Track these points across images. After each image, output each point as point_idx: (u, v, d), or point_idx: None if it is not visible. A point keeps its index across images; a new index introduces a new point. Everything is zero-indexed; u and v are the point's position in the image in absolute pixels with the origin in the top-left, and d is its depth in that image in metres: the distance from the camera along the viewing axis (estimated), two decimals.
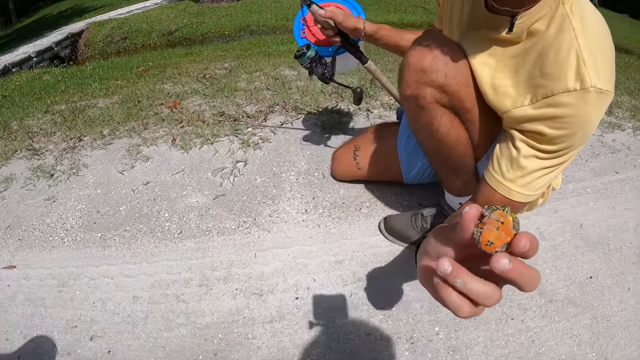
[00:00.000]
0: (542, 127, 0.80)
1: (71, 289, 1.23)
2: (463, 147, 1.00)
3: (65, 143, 2.02)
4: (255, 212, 1.44)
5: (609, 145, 2.00)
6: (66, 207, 1.57)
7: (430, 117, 0.96)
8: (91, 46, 7.27)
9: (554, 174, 0.87)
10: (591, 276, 1.27)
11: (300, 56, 1.26)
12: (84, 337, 1.10)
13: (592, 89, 0.73)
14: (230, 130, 1.91)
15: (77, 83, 3.23)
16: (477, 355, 1.02)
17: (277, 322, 1.08)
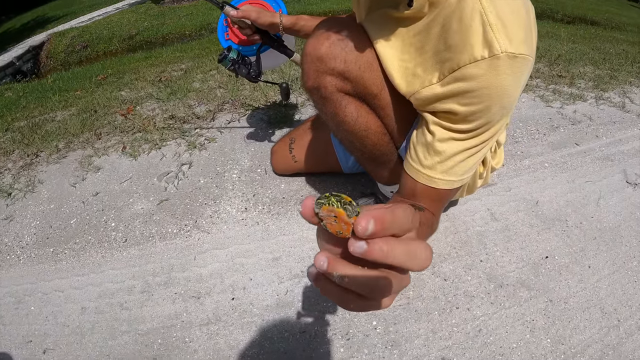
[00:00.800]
0: (453, 105, 0.74)
1: (26, 305, 1.26)
2: (375, 135, 0.96)
3: (23, 160, 2.02)
4: (197, 214, 1.46)
5: (569, 117, 1.98)
6: (22, 225, 1.58)
7: (334, 107, 0.92)
8: (53, 57, 7.15)
9: (480, 155, 0.81)
10: (547, 256, 1.25)
11: (222, 59, 1.26)
12: (37, 351, 1.13)
13: (503, 54, 0.66)
14: (178, 133, 1.91)
15: (37, 97, 3.21)
16: (417, 348, 1.01)
17: (213, 324, 1.10)
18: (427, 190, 0.82)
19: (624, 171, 1.62)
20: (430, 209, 0.83)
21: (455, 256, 1.25)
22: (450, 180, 0.80)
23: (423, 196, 0.83)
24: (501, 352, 1.00)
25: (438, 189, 0.81)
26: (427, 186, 0.81)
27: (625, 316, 1.09)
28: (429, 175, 0.80)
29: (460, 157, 0.78)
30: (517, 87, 0.71)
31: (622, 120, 2.01)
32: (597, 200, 1.46)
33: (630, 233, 1.34)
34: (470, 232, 1.33)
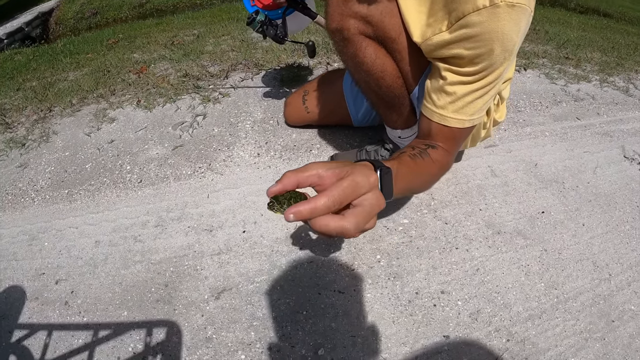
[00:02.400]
0: (459, 50, 0.81)
1: (40, 242, 1.30)
2: (390, 78, 1.01)
3: (36, 115, 2.05)
4: (211, 158, 1.50)
5: (572, 94, 2.00)
6: (37, 171, 1.61)
7: (355, 48, 0.97)
8: (62, 24, 7.16)
9: (486, 97, 0.87)
10: (543, 211, 1.29)
11: (251, 22, 1.29)
12: (50, 282, 1.16)
13: (502, 3, 0.73)
14: (192, 88, 1.94)
15: (48, 60, 3.23)
16: (418, 281, 1.06)
17: (224, 254, 1.14)
18: (440, 129, 0.88)
19: (622, 147, 1.65)
20: (445, 147, 0.89)
21: (456, 204, 1.28)
22: (461, 119, 0.87)
23: (437, 135, 0.89)
24: (497, 291, 1.04)
25: (451, 127, 0.87)
26: (440, 125, 0.88)
27: (617, 272, 1.12)
28: (442, 114, 0.87)
29: (470, 97, 0.85)
30: (517, 33, 0.77)
31: (624, 102, 2.02)
32: (594, 169, 1.50)
33: (625, 200, 1.37)
34: (471, 184, 1.36)
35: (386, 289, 1.03)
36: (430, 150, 0.85)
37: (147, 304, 1.05)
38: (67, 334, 1.03)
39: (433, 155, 0.84)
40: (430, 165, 0.83)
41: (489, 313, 0.99)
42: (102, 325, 1.04)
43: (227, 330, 0.96)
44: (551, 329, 0.97)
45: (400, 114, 1.12)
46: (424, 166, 0.82)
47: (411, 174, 0.78)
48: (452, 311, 0.99)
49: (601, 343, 0.95)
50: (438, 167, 0.87)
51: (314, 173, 0.53)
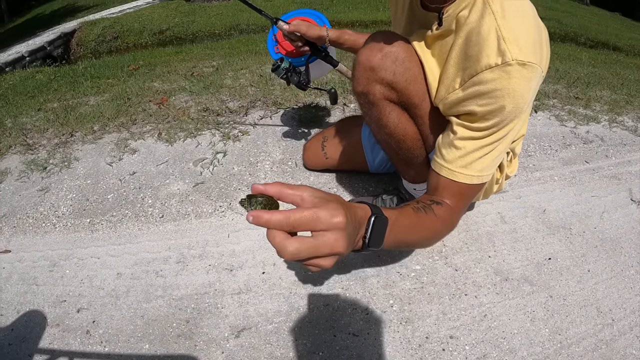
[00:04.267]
0: (472, 106, 0.85)
1: (61, 269, 1.34)
2: (411, 141, 1.08)
3: (58, 138, 2.11)
4: (231, 197, 1.56)
5: (581, 136, 2.07)
6: (58, 197, 1.67)
7: (379, 112, 1.04)
8: (83, 45, 7.37)
9: (495, 153, 0.90)
10: (550, 258, 1.33)
11: (276, 69, 1.38)
12: (71, 310, 1.20)
13: (514, 62, 0.77)
14: (212, 124, 2.02)
15: (69, 82, 3.31)
16: (428, 326, 1.10)
17: (244, 293, 1.19)
18: (448, 184, 0.92)
19: (629, 190, 1.70)
20: (452, 204, 0.92)
21: (467, 250, 1.34)
22: (469, 175, 0.90)
23: (445, 190, 0.93)
24: (503, 336, 1.08)
25: (458, 183, 0.90)
26: (448, 179, 0.91)
27: (620, 317, 1.16)
28: (450, 168, 0.90)
29: (479, 153, 0.89)
30: (528, 90, 0.81)
31: (632, 142, 2.08)
32: (601, 214, 1.55)
33: (630, 245, 1.41)
34: (481, 231, 1.42)
35: (398, 332, 1.08)
36: (435, 206, 0.89)
37: (169, 338, 1.09)
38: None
39: (437, 212, 0.88)
40: (433, 221, 0.87)
41: (495, 358, 1.03)
42: (124, 356, 1.07)
43: None
44: None
45: (417, 171, 1.18)
46: (426, 221, 0.85)
47: (411, 226, 0.82)
48: (459, 355, 1.03)
49: None
50: (441, 224, 0.90)
51: (299, 194, 0.57)
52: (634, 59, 5.88)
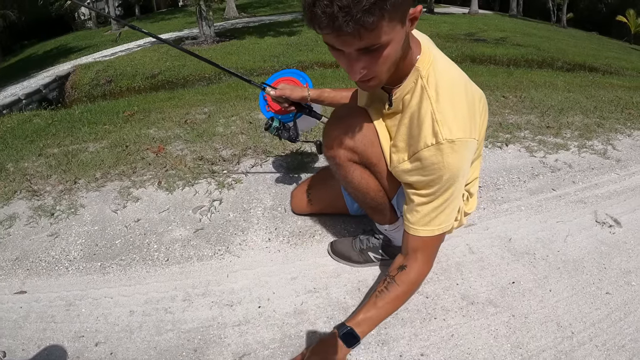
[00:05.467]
0: (418, 176, 1.08)
1: (77, 308, 1.49)
2: (373, 192, 1.30)
3: (62, 185, 2.26)
4: (228, 241, 1.77)
5: (550, 165, 2.28)
6: (68, 242, 1.83)
7: (345, 171, 1.26)
8: (78, 89, 7.57)
9: (448, 210, 1.11)
10: (513, 282, 1.49)
11: (268, 128, 1.62)
12: (90, 344, 1.34)
13: (445, 141, 0.98)
14: (208, 173, 2.24)
15: (67, 127, 3.47)
16: (402, 346, 1.29)
17: (243, 325, 1.38)
18: (416, 240, 1.16)
19: (594, 212, 1.88)
20: (421, 258, 1.20)
21: (437, 280, 1.54)
22: (431, 229, 1.13)
23: (414, 245, 1.19)
24: (469, 352, 1.27)
25: (422, 237, 1.15)
26: (416, 237, 1.15)
27: (579, 329, 1.29)
28: (415, 228, 1.14)
29: (433, 213, 1.11)
30: (460, 161, 1.03)
31: (600, 166, 2.28)
32: (565, 237, 1.71)
33: (592, 264, 1.56)
34: (450, 262, 1.63)
35: (376, 352, 1.27)
36: (399, 275, 1.18)
37: None
38: None
39: (401, 280, 1.18)
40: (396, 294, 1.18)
41: None
42: None
43: None
44: None
45: (384, 215, 1.41)
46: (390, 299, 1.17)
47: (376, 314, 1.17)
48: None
49: None
50: (404, 290, 1.19)
51: None
52: (610, 77, 6.19)
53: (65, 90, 7.57)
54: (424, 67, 1.04)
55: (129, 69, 8.50)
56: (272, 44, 10.35)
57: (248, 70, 7.87)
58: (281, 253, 1.70)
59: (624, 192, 2.07)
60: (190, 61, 9.02)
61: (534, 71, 6.44)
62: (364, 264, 1.57)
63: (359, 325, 1.17)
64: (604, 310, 1.39)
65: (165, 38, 8.26)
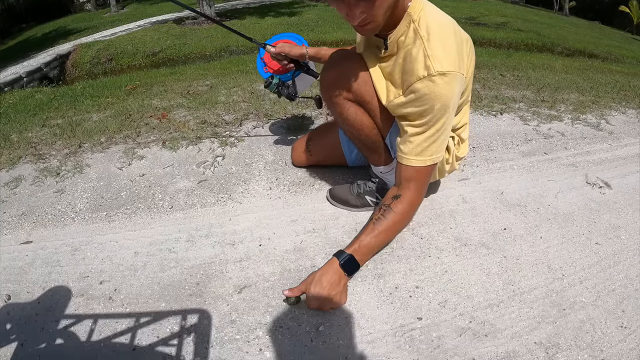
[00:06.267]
0: (411, 108, 1.18)
1: (83, 252, 1.53)
2: (367, 129, 1.38)
3: (67, 149, 2.30)
4: (231, 190, 1.82)
5: (543, 133, 2.33)
6: (74, 196, 1.87)
7: (340, 109, 1.35)
8: (78, 67, 7.59)
9: (439, 141, 1.21)
10: (505, 228, 1.55)
11: (268, 85, 1.67)
12: (94, 282, 1.39)
13: (436, 73, 1.09)
14: (211, 134, 2.29)
15: (69, 101, 3.48)
16: (397, 279, 1.34)
17: (244, 261, 1.43)
18: (409, 170, 1.26)
19: (585, 175, 1.94)
20: (413, 188, 1.28)
21: (431, 224, 1.60)
22: (423, 159, 1.23)
23: (406, 175, 1.28)
24: (462, 286, 1.33)
25: (416, 167, 1.24)
26: (409, 167, 1.25)
27: (570, 272, 1.35)
28: (408, 158, 1.24)
29: (425, 143, 1.20)
30: (451, 92, 1.12)
31: (593, 136, 2.34)
32: (555, 194, 1.78)
33: (582, 218, 1.62)
34: (444, 209, 1.69)
35: (372, 285, 1.33)
36: (395, 203, 1.28)
37: (182, 297, 1.32)
38: (111, 321, 1.24)
39: (396, 208, 1.27)
40: (393, 221, 1.27)
41: (455, 302, 1.27)
42: (143, 313, 1.28)
43: (248, 314, 1.24)
44: (507, 314, 1.22)
45: (379, 154, 1.48)
46: (387, 225, 1.27)
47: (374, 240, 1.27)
48: (424, 300, 1.28)
49: (553, 326, 1.16)
50: (400, 218, 1.29)
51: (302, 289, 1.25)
52: (609, 64, 6.17)
53: (66, 69, 7.59)
54: (415, 12, 1.14)
55: (129, 47, 8.51)
56: (273, 24, 10.34)
57: (248, 48, 7.87)
58: (282, 199, 1.75)
59: (615, 159, 2.12)
60: (191, 39, 9.06)
61: (533, 54, 6.45)
62: (361, 207, 1.63)
63: (357, 252, 1.25)
64: (593, 257, 1.45)
65: (173, 17, 8.23)
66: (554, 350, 1.12)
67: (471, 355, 1.11)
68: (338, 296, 1.21)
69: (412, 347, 1.14)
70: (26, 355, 1.15)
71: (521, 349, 1.13)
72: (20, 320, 1.25)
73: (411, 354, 1.12)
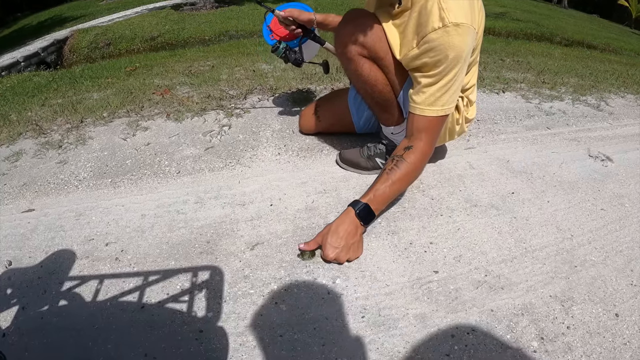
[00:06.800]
0: (425, 59, 1.19)
1: (87, 217, 1.50)
2: (381, 85, 1.39)
3: (69, 124, 2.25)
4: (239, 156, 1.80)
5: (545, 110, 2.35)
6: (77, 166, 1.84)
7: (355, 65, 1.36)
8: (76, 52, 7.52)
9: (451, 92, 1.23)
10: (513, 192, 1.58)
11: (275, 50, 1.65)
12: (100, 245, 1.36)
13: (451, 24, 1.12)
14: (216, 106, 2.26)
15: (68, 82, 3.40)
16: (411, 236, 1.35)
17: (256, 220, 1.42)
18: (421, 120, 1.27)
19: (587, 149, 1.97)
20: (424, 138, 1.29)
21: (440, 186, 1.61)
22: (435, 109, 1.24)
23: (419, 125, 1.29)
24: (475, 242, 1.33)
25: (429, 117, 1.26)
26: (421, 116, 1.26)
27: (578, 234, 1.38)
28: (421, 107, 1.25)
29: (438, 93, 1.22)
30: (464, 43, 1.14)
31: (594, 115, 2.36)
32: (560, 164, 1.81)
33: (587, 186, 1.65)
34: (452, 173, 1.70)
35: (386, 240, 1.33)
36: (407, 153, 1.27)
37: (192, 255, 1.30)
38: (118, 280, 1.22)
39: (409, 158, 1.27)
40: (407, 170, 1.26)
41: (469, 257, 1.28)
42: (151, 272, 1.25)
43: (262, 270, 1.22)
44: (522, 269, 1.23)
45: (391, 113, 1.48)
46: (400, 175, 1.26)
47: (389, 189, 1.25)
48: (439, 255, 1.28)
49: (566, 281, 1.18)
50: (413, 168, 1.28)
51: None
52: (608, 55, 6.23)
53: (63, 54, 7.51)
54: None
55: (127, 32, 8.43)
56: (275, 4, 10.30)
57: (248, 33, 7.84)
58: (291, 164, 1.74)
59: (615, 137, 2.15)
60: (190, 24, 9.00)
61: (532, 43, 6.47)
62: (371, 170, 1.63)
63: (373, 202, 1.25)
64: (600, 221, 1.47)
65: (171, 3, 8.17)
66: (569, 304, 1.13)
67: (489, 307, 1.11)
68: (356, 245, 1.22)
69: (430, 299, 1.13)
70: (28, 318, 1.12)
71: (537, 301, 1.13)
72: (22, 284, 1.22)
73: (430, 305, 1.11)
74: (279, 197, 1.52)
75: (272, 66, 3.01)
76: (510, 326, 1.06)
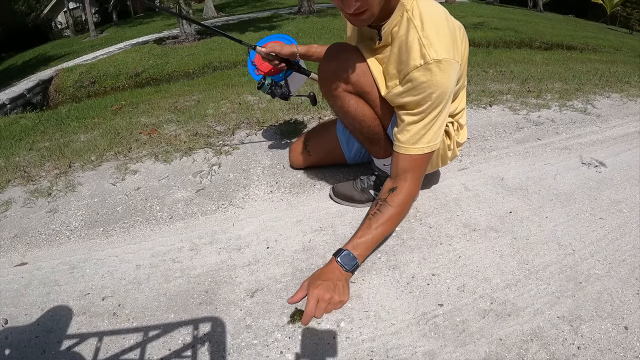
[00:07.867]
0: (408, 97, 1.18)
1: (81, 269, 1.46)
2: (369, 120, 1.37)
3: (57, 170, 2.22)
4: (231, 196, 1.78)
5: (533, 120, 2.38)
6: (68, 215, 1.80)
7: (341, 102, 1.35)
8: (62, 92, 7.52)
9: (435, 128, 1.21)
10: (511, 211, 1.58)
11: (261, 86, 1.66)
12: (96, 299, 1.32)
13: (432, 61, 1.10)
14: (204, 144, 2.25)
15: (55, 124, 3.40)
16: (413, 269, 1.33)
17: (253, 265, 1.39)
18: (406, 159, 1.25)
19: (580, 156, 1.99)
20: (410, 179, 1.28)
21: (437, 213, 1.60)
22: (421, 147, 1.23)
23: (403, 165, 1.28)
24: (477, 269, 1.32)
25: (414, 156, 1.24)
26: (406, 155, 1.24)
27: (580, 247, 1.38)
28: (405, 146, 1.24)
29: (423, 130, 1.21)
30: (447, 79, 1.13)
31: (582, 120, 2.40)
32: (554, 176, 1.82)
33: (583, 196, 1.66)
34: (448, 198, 1.69)
35: (387, 276, 1.31)
36: (391, 197, 1.26)
37: (191, 307, 1.27)
38: (117, 337, 1.18)
39: (393, 201, 1.26)
40: (390, 214, 1.26)
41: (473, 286, 1.26)
42: (151, 327, 1.22)
43: (264, 318, 1.20)
44: (527, 292, 1.22)
45: (381, 146, 1.47)
46: (384, 219, 1.25)
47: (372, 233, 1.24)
48: (442, 287, 1.27)
49: (572, 299, 1.17)
50: (398, 210, 1.27)
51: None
52: (588, 54, 6.38)
53: (49, 94, 7.51)
54: (408, 2, 1.16)
55: (112, 69, 8.48)
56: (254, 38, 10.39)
57: (231, 63, 7.90)
58: (284, 202, 1.72)
59: (606, 140, 2.19)
60: (173, 58, 9.05)
61: (513, 50, 6.59)
62: (366, 202, 1.62)
63: (355, 248, 1.24)
64: (600, 232, 1.47)
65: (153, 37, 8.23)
66: (578, 323, 1.12)
67: (497, 336, 1.10)
68: (339, 293, 1.18)
69: (437, 334, 1.11)
70: None
71: (545, 324, 1.12)
72: (19, 344, 1.18)
73: (437, 340, 1.10)
74: (275, 238, 1.50)
75: (258, 97, 3.03)
76: (521, 354, 1.05)
